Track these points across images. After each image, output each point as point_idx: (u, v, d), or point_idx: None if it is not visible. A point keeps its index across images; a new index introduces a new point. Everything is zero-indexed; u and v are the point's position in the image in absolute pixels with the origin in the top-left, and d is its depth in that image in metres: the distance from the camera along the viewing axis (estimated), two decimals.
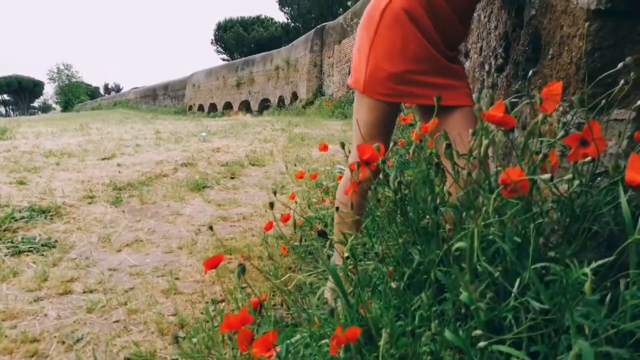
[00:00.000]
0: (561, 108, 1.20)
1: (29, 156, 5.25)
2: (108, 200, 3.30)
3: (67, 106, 44.15)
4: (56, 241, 2.52)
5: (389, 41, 1.37)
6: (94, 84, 73.75)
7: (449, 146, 0.93)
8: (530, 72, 1.30)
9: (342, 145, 1.40)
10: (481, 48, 2.10)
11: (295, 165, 5.01)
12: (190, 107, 25.22)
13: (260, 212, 3.19)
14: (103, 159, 5.04)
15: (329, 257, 1.40)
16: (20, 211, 2.81)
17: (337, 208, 1.41)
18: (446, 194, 1.04)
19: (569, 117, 1.17)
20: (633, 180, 0.68)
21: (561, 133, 0.87)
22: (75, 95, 45.62)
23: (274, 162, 5.38)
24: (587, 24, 1.05)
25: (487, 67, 1.98)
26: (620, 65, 0.88)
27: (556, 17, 1.21)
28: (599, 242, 0.94)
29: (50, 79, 47.92)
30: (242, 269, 0.89)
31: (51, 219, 2.81)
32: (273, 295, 1.86)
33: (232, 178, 4.40)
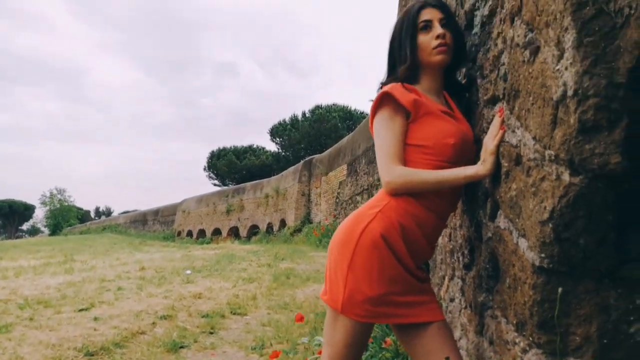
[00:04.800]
0: (522, 344, 1.22)
1: (4, 306, 5.10)
2: None
3: (55, 230, 43.95)
4: None
5: (367, 264, 1.40)
6: (85, 207, 74.19)
7: None
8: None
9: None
10: (450, 235, 2.18)
11: (278, 314, 4.89)
12: (179, 233, 25.22)
13: None
14: (80, 310, 4.89)
15: None
16: None
17: None
18: None
19: (529, 355, 1.18)
20: None
21: None
22: (65, 219, 45.67)
23: (256, 309, 5.26)
24: (534, 276, 1.11)
25: (456, 256, 2.04)
26: None
27: (509, 253, 1.28)
28: None
29: (42, 203, 48.33)
30: None
31: None
32: None
33: (211, 333, 4.25)
